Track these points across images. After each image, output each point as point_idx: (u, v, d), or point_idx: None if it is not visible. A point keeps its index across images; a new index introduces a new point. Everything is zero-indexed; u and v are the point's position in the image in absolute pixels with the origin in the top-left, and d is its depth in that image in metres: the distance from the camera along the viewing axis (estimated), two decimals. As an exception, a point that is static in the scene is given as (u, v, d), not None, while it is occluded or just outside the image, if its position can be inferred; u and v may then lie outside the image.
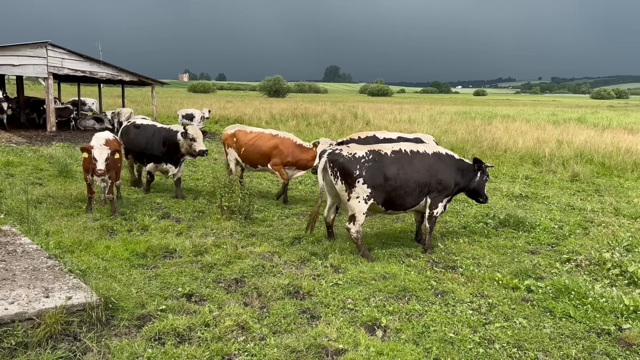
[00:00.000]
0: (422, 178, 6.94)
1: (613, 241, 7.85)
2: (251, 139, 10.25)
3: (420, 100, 73.96)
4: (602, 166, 15.49)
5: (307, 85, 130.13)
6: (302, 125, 26.53)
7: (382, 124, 26.02)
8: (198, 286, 5.47)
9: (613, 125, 26.24)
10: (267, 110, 34.82)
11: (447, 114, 33.78)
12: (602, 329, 4.80)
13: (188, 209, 9.23)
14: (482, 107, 48.31)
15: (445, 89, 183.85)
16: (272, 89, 79.28)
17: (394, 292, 5.54)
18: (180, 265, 6.12)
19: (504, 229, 8.57)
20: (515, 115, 34.63)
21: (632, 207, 10.31)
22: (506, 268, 6.52)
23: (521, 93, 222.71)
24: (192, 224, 8.14)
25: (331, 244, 7.01)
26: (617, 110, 51.05)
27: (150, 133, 9.95)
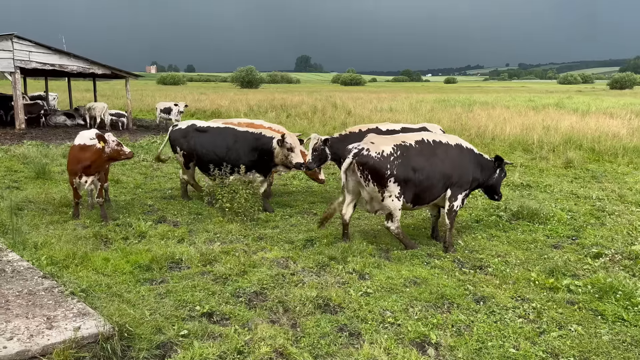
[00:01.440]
0: (446, 169, 6.66)
1: (633, 232, 7.60)
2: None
3: (394, 89, 73.86)
4: (592, 152, 15.40)
5: (279, 75, 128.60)
6: (282, 116, 25.90)
7: (364, 113, 25.60)
8: (217, 303, 4.91)
9: (592, 110, 26.41)
10: (243, 101, 33.97)
11: (427, 102, 33.58)
12: (665, 334, 4.46)
13: (183, 210, 8.59)
14: (457, 95, 48.35)
15: (416, 77, 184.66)
16: (245, 79, 77.95)
17: (432, 300, 5.09)
18: (190, 277, 5.53)
19: (518, 221, 8.23)
20: (493, 102, 34.64)
21: (636, 195, 10.14)
22: (537, 266, 6.16)
23: (490, 80, 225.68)
24: (192, 228, 7.53)
25: (348, 246, 6.51)
26: (588, 95, 51.91)
27: (232, 138, 8.48)
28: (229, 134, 8.59)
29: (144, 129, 22.20)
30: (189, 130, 8.97)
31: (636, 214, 8.62)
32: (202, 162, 8.76)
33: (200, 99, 36.27)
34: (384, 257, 6.48)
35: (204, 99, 36.84)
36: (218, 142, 8.57)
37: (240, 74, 79.58)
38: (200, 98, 37.52)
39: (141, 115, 29.69)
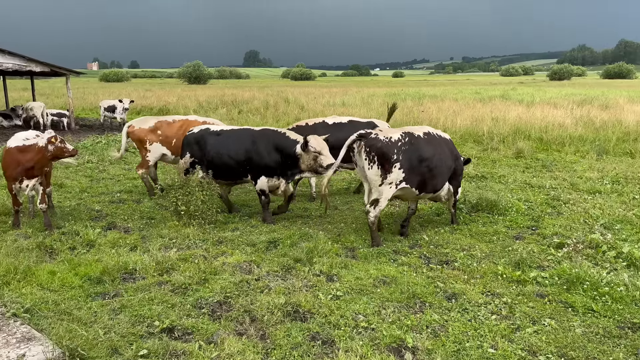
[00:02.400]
0: (448, 161, 7.06)
1: (589, 220, 7.76)
2: (180, 127, 9.25)
3: (345, 83, 74.14)
4: (541, 141, 15.83)
5: (228, 70, 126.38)
6: (233, 112, 25.33)
7: (317, 108, 25.41)
8: (177, 316, 4.55)
9: (537, 101, 27.29)
10: (192, 98, 33.02)
11: (378, 96, 33.76)
12: (634, 323, 4.49)
13: (134, 215, 8.10)
14: (407, 88, 48.97)
15: (365, 71, 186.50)
16: (192, 75, 75.87)
17: (403, 300, 4.94)
18: (147, 289, 5.14)
19: (478, 213, 8.26)
20: (442, 95, 35.26)
21: (586, 182, 10.43)
22: (502, 258, 6.14)
23: (435, 73, 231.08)
24: (145, 234, 7.08)
25: (313, 246, 6.27)
26: (530, 86, 53.84)
27: (249, 141, 7.69)
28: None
29: (87, 129, 21.11)
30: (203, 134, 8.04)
31: (590, 202, 8.84)
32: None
33: (146, 96, 34.99)
34: (350, 256, 6.30)
35: (150, 95, 35.58)
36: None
37: (188, 70, 77.37)
38: (146, 95, 36.20)
39: (84, 114, 28.31)
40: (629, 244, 6.36)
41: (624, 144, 14.27)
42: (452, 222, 7.70)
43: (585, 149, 14.15)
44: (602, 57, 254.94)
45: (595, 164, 12.31)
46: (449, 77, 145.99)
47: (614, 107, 22.16)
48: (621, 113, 19.34)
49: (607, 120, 17.68)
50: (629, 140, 14.66)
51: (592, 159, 12.99)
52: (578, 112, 20.70)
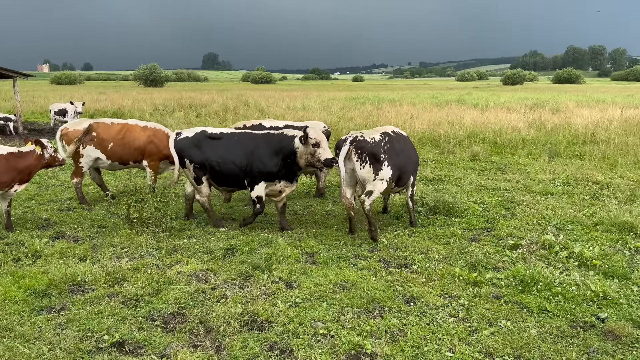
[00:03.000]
0: (413, 155, 7.67)
1: (542, 221, 7.98)
2: (119, 131, 8.92)
3: (305, 87, 74.19)
4: (495, 145, 16.24)
5: (186, 73, 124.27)
6: (191, 116, 24.87)
7: (277, 112, 25.27)
8: (128, 329, 4.36)
9: (491, 105, 28.06)
10: (148, 101, 32.25)
11: (338, 100, 33.95)
12: (585, 322, 4.61)
13: (84, 223, 7.76)
14: (366, 92, 49.47)
15: (325, 75, 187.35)
16: (149, 78, 74.17)
17: (362, 305, 4.90)
18: (96, 301, 4.90)
19: (435, 215, 8.36)
20: (400, 100, 35.78)
21: (538, 184, 10.75)
22: (459, 260, 6.22)
23: (394, 78, 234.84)
24: (95, 243, 6.78)
25: (272, 253, 6.16)
26: (485, 91, 55.40)
27: (251, 143, 7.31)
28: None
29: (36, 133, 20.23)
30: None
31: (542, 203, 9.09)
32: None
33: (100, 99, 33.92)
34: (310, 261, 6.23)
35: (104, 98, 34.50)
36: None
37: (144, 72, 75.57)
38: (99, 98, 35.08)
39: (33, 118, 27.14)
40: (579, 244, 6.55)
41: (574, 147, 14.81)
42: (412, 224, 7.80)
43: (538, 151, 14.60)
44: (552, 62, 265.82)
45: (547, 166, 12.71)
46: (407, 81, 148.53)
47: (564, 111, 23.05)
48: (571, 117, 20.12)
49: (558, 124, 18.35)
50: (578, 143, 15.23)
51: (544, 161, 13.40)
52: (530, 116, 21.40)
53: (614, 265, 5.86)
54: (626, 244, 6.75)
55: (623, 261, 6.04)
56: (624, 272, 5.69)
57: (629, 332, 4.37)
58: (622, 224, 7.36)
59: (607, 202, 8.94)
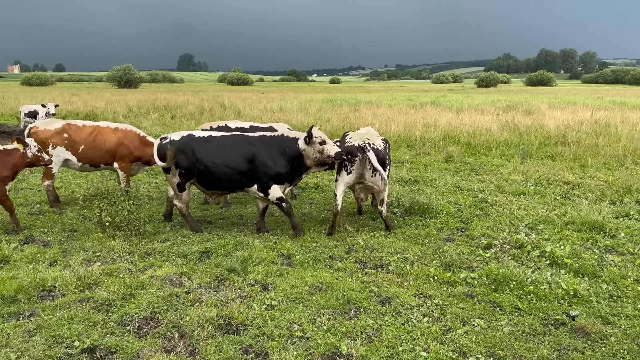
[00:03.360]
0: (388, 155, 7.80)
1: (515, 220, 8.11)
2: (90, 134, 8.74)
3: (282, 89, 74.11)
4: (469, 146, 16.47)
5: (161, 74, 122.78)
6: (166, 118, 24.58)
7: (254, 113, 25.16)
8: (100, 335, 4.26)
9: (465, 107, 28.45)
10: (122, 102, 31.79)
11: (315, 101, 33.98)
12: (556, 320, 4.69)
13: (55, 227, 7.58)
14: (343, 94, 49.67)
15: (303, 77, 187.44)
16: (123, 79, 73.20)
17: (338, 306, 4.90)
18: (66, 307, 4.79)
19: (411, 216, 8.42)
20: (377, 101, 36.02)
21: (511, 185, 10.93)
22: (434, 260, 6.27)
23: (371, 80, 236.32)
24: (66, 248, 6.63)
25: (248, 255, 6.12)
26: (459, 93, 56.23)
27: (251, 147, 7.14)
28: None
29: (6, 135, 19.65)
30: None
31: (515, 203, 9.25)
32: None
33: (72, 101, 33.25)
34: (287, 263, 6.20)
35: (77, 100, 33.85)
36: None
37: (117, 73, 74.53)
38: (72, 99, 34.38)
39: (3, 120, 26.42)
40: (551, 244, 6.68)
41: (546, 148, 15.13)
42: (388, 228, 7.72)
43: (511, 152, 14.86)
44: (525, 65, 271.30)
45: (520, 167, 12.94)
46: (384, 83, 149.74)
47: (536, 113, 23.52)
48: (543, 118, 20.54)
49: (530, 125, 18.72)
50: (550, 144, 15.56)
51: (517, 162, 13.65)
52: (503, 117, 21.77)
53: (584, 263, 5.99)
54: (596, 243, 6.91)
55: (593, 260, 6.18)
56: (594, 270, 5.82)
57: (598, 329, 4.47)
58: (592, 223, 7.53)
59: (578, 202, 9.14)
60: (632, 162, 12.63)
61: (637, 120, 19.22)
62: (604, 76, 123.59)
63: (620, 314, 4.80)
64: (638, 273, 5.81)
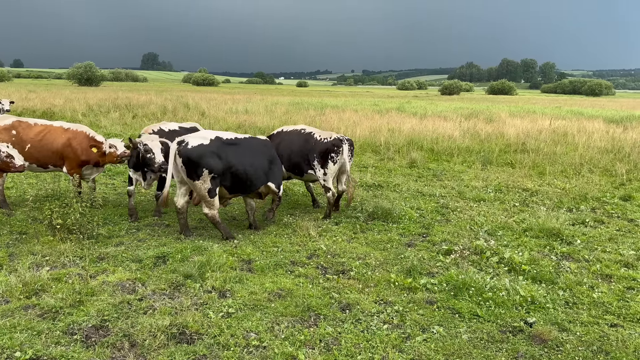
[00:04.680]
0: None
1: (474, 226, 8.20)
2: (39, 132, 8.29)
3: (249, 91, 73.52)
4: (432, 152, 16.66)
5: (124, 73, 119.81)
6: (127, 117, 23.94)
7: (219, 115, 24.80)
8: (44, 345, 4.02)
9: (429, 114, 28.85)
10: (81, 100, 30.80)
11: (281, 104, 33.79)
12: (514, 327, 4.72)
13: (3, 229, 7.20)
14: (310, 98, 49.66)
15: (270, 79, 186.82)
16: (84, 76, 70.99)
17: (298, 314, 4.80)
18: (9, 315, 4.51)
19: (374, 221, 8.40)
20: (343, 106, 36.13)
21: (472, 191, 11.08)
22: (395, 266, 6.25)
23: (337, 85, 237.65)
24: (14, 251, 6.29)
25: (206, 260, 5.94)
26: (424, 100, 57.04)
27: (270, 149, 7.96)
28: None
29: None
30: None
31: (475, 209, 9.37)
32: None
33: (29, 98, 32.01)
34: (246, 269, 6.06)
35: (34, 97, 32.59)
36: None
37: (78, 71, 72.21)
38: (29, 96, 33.09)
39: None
40: (510, 250, 6.77)
41: (506, 155, 15.46)
42: (327, 217, 8.51)
43: (472, 159, 15.10)
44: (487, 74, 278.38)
45: (481, 173, 13.15)
46: (350, 88, 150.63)
47: (497, 121, 24.04)
48: (503, 126, 21.01)
49: (491, 133, 19.11)
50: (510, 152, 15.91)
51: (478, 168, 13.87)
52: (465, 125, 22.16)
53: (541, 270, 6.09)
54: (553, 250, 7.04)
55: (550, 266, 6.29)
56: (551, 277, 5.92)
57: (554, 335, 4.52)
58: (550, 230, 7.69)
59: (536, 209, 9.34)
60: (588, 171, 13.03)
61: (593, 130, 19.91)
62: (562, 86, 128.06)
63: (576, 320, 4.88)
64: (593, 280, 5.94)
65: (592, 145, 16.51)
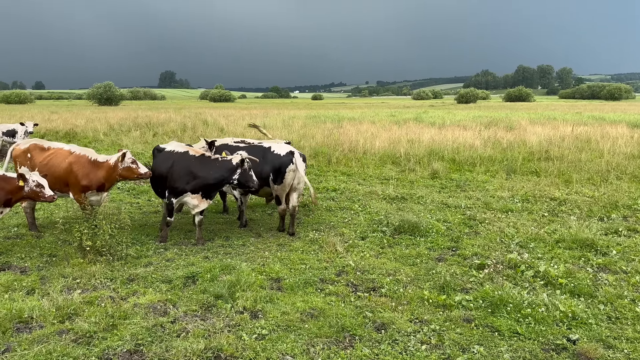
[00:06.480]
0: None
1: (505, 239, 8.03)
2: (46, 157, 8.12)
3: (265, 105, 74.02)
4: (453, 162, 16.47)
5: (142, 91, 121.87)
6: (147, 135, 24.23)
7: (237, 130, 24.94)
8: (80, 372, 4.00)
9: (447, 123, 28.63)
10: (102, 120, 31.27)
11: (298, 118, 33.89)
12: (557, 345, 4.57)
13: (33, 252, 7.26)
14: (326, 111, 49.74)
15: (285, 93, 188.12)
16: (103, 96, 72.35)
17: (332, 334, 4.71)
18: (44, 340, 4.51)
19: (401, 235, 8.29)
20: (360, 118, 36.08)
21: (498, 201, 10.90)
22: (427, 282, 6.13)
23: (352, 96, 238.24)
24: (45, 274, 6.32)
25: (236, 280, 5.89)
26: (440, 109, 56.74)
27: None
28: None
29: (-19, 155, 19.17)
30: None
31: (504, 220, 9.19)
32: None
33: (52, 119, 32.65)
34: (276, 287, 5.99)
35: (56, 118, 33.24)
36: None
37: (98, 91, 73.65)
38: (51, 117, 33.77)
39: (-22, 139, 25.77)
40: (544, 263, 6.60)
41: (529, 163, 15.20)
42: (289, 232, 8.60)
43: (495, 168, 14.88)
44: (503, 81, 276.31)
45: (505, 183, 12.94)
46: (365, 100, 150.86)
47: (517, 129, 23.74)
48: (524, 134, 20.72)
49: (513, 141, 18.85)
50: (533, 160, 15.64)
51: (502, 178, 13.65)
52: (486, 133, 21.89)
53: (579, 283, 5.91)
54: (588, 261, 6.85)
55: (587, 279, 6.10)
56: (589, 290, 5.73)
57: (600, 353, 4.35)
58: (583, 241, 7.49)
59: (566, 219, 9.12)
60: (615, 177, 12.74)
61: (617, 135, 19.52)
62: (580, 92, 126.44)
63: (621, 337, 4.70)
64: (634, 293, 5.75)
65: (618, 151, 16.16)
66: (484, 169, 15.23)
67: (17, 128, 19.51)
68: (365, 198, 11.28)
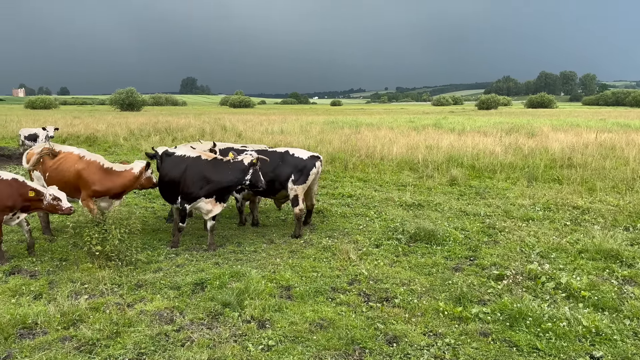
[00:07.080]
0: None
1: (525, 248, 7.74)
2: (56, 161, 8.06)
3: (284, 111, 74.28)
4: (473, 169, 16.12)
5: (163, 97, 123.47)
6: (167, 140, 24.38)
7: (255, 136, 24.95)
8: (79, 381, 3.89)
9: (467, 130, 28.21)
10: (123, 125, 31.65)
11: (316, 124, 33.81)
12: (580, 362, 4.30)
13: (44, 256, 7.24)
14: (344, 117, 49.59)
15: (304, 99, 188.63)
16: (125, 102, 73.48)
17: (341, 347, 4.52)
18: (47, 347, 4.42)
19: (416, 243, 8.05)
20: (378, 124, 35.83)
21: (519, 209, 10.57)
22: (442, 293, 5.90)
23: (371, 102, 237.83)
24: (54, 279, 6.27)
25: (244, 288, 5.75)
26: (460, 115, 56.10)
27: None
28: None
29: (5, 159, 19.53)
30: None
31: (524, 229, 8.88)
32: None
33: (74, 124, 33.17)
34: (285, 296, 5.83)
35: (78, 123, 33.76)
36: None
37: (120, 96, 74.85)
38: (73, 122, 34.32)
39: (4, 142, 26.30)
40: (566, 274, 6.31)
41: (552, 171, 14.79)
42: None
43: (516, 175, 14.51)
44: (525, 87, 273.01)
45: (526, 190, 12.58)
46: (384, 106, 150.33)
47: (539, 135, 23.24)
48: (546, 141, 20.25)
49: (535, 148, 18.40)
50: (555, 167, 15.22)
51: (523, 185, 13.29)
52: (507, 140, 21.46)
53: (603, 296, 5.61)
54: (613, 273, 6.53)
55: (612, 292, 5.80)
56: (614, 304, 5.44)
57: (627, 373, 4.08)
58: (607, 251, 7.16)
59: (590, 228, 8.77)
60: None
61: (644, 142, 18.93)
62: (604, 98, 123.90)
63: (649, 355, 4.41)
64: (663, 308, 5.42)
65: (645, 159, 15.65)
66: (504, 176, 14.85)
67: (39, 132, 19.80)
68: (381, 204, 11.07)
